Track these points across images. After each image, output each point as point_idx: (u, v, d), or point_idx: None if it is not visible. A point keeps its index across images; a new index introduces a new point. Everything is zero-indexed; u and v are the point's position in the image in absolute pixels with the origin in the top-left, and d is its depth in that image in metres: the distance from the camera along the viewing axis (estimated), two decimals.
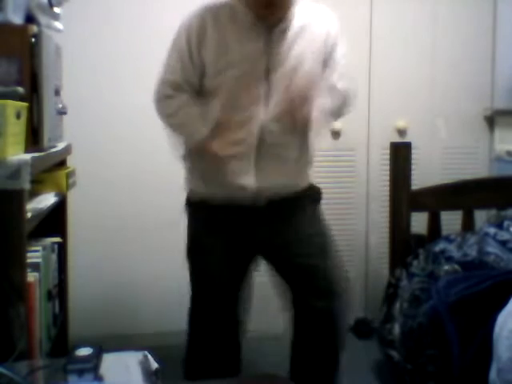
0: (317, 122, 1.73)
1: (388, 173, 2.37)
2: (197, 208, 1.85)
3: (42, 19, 1.62)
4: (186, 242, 1.88)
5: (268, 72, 1.70)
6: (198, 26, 1.71)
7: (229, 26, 1.70)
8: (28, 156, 1.30)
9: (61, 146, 1.79)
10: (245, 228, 1.78)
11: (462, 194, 2.35)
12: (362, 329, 2.81)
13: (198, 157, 1.78)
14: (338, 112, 1.84)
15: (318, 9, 1.80)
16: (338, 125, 2.82)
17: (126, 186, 2.63)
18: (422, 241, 2.27)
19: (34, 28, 1.45)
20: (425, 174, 2.74)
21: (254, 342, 2.16)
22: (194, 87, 1.75)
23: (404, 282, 2.14)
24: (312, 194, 1.91)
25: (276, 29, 1.70)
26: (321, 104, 1.70)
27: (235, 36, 1.70)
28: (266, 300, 2.18)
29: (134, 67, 2.55)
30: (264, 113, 1.70)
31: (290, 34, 1.72)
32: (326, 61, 1.77)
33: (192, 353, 1.90)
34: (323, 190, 2.90)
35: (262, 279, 2.03)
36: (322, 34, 1.76)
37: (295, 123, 1.71)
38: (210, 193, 1.78)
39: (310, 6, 1.80)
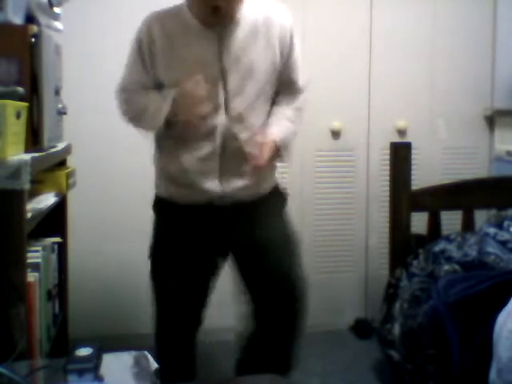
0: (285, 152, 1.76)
1: (388, 173, 2.37)
2: (163, 207, 1.84)
3: (42, 19, 1.63)
4: (151, 241, 1.86)
5: (223, 76, 1.68)
6: (147, 36, 1.72)
7: (177, 32, 1.70)
8: (28, 156, 1.30)
9: (61, 146, 1.79)
10: (210, 228, 1.78)
11: (462, 194, 2.35)
12: (362, 329, 2.81)
13: (167, 156, 1.78)
14: (296, 119, 1.82)
15: (269, 5, 1.76)
16: (337, 125, 2.82)
17: (126, 186, 2.63)
18: (422, 241, 2.27)
19: (34, 28, 1.46)
20: (425, 174, 2.74)
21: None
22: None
23: (404, 282, 2.14)
24: (277, 195, 1.89)
25: (226, 31, 1.68)
26: (278, 130, 1.73)
27: (185, 42, 1.69)
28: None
29: None
30: (225, 117, 1.69)
31: (242, 34, 1.70)
32: (284, 57, 1.74)
33: (160, 355, 1.87)
34: (323, 190, 2.92)
35: None
36: (275, 31, 1.72)
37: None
38: (177, 193, 1.77)
39: (261, 3, 1.76)
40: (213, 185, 1.72)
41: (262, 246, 1.80)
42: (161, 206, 1.85)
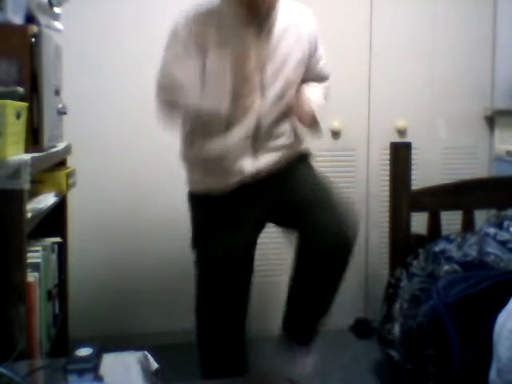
0: (318, 115, 1.88)
1: (388, 173, 2.37)
2: (199, 199, 1.92)
3: (42, 19, 1.63)
4: (192, 232, 1.93)
5: (260, 68, 1.81)
6: (187, 34, 1.78)
7: (217, 28, 1.78)
8: (28, 156, 1.30)
9: (61, 146, 1.79)
10: (247, 204, 1.87)
11: (462, 194, 2.34)
12: (362, 329, 2.81)
13: (199, 149, 1.87)
14: (326, 96, 2.01)
15: (298, 8, 1.94)
16: (337, 125, 2.82)
17: (126, 186, 2.63)
18: (422, 241, 2.27)
19: (34, 28, 1.46)
20: (425, 174, 2.74)
21: (255, 342, 2.17)
22: None
23: (404, 282, 2.14)
24: (304, 154, 2.02)
25: (262, 27, 1.81)
26: (317, 100, 1.90)
27: (224, 37, 1.78)
28: (267, 300, 2.17)
29: (134, 67, 2.54)
30: (260, 104, 1.82)
31: (276, 33, 1.84)
32: (311, 55, 1.95)
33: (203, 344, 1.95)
34: None
35: (263, 279, 2.03)
36: (304, 29, 1.90)
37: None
38: (210, 186, 1.87)
39: (291, 5, 1.92)
40: (245, 166, 1.84)
41: (300, 187, 1.91)
42: (196, 198, 1.94)
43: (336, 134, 2.85)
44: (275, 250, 2.63)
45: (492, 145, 2.98)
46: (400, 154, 2.33)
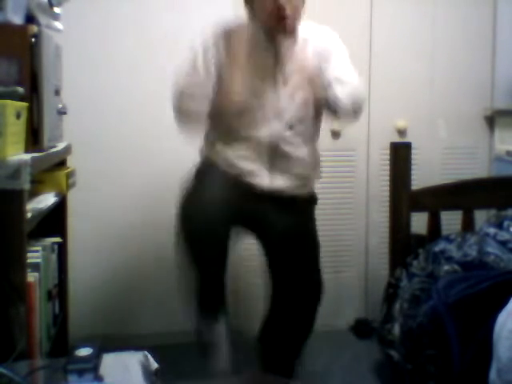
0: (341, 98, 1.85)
1: (388, 173, 2.37)
2: (211, 168, 1.93)
3: (42, 19, 1.63)
4: (184, 192, 1.90)
5: (275, 84, 1.87)
6: (214, 48, 1.84)
7: (241, 45, 1.87)
8: (28, 156, 1.30)
9: (61, 146, 1.79)
10: (252, 198, 1.89)
11: (462, 194, 2.34)
12: (362, 329, 2.81)
13: (217, 153, 1.92)
14: (356, 94, 1.92)
15: (318, 28, 1.97)
16: (338, 125, 2.82)
17: (126, 186, 2.63)
18: (422, 241, 2.27)
19: (34, 28, 1.46)
20: (425, 174, 2.74)
21: (252, 342, 2.17)
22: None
23: (404, 282, 2.14)
24: (314, 200, 2.10)
25: (283, 46, 1.87)
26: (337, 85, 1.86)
27: (247, 54, 1.86)
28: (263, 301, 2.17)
29: (134, 67, 2.55)
30: (278, 122, 1.87)
31: (296, 49, 1.89)
32: (322, 69, 1.90)
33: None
34: (323, 190, 2.91)
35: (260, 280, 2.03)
36: (321, 47, 1.93)
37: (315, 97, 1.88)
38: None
39: (311, 25, 1.95)
40: (262, 182, 1.89)
41: (297, 241, 1.98)
42: (208, 167, 1.94)
43: (336, 134, 2.85)
44: None
45: (492, 145, 2.98)
46: (400, 154, 2.33)
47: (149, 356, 1.16)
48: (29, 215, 1.32)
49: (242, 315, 2.50)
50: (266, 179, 1.90)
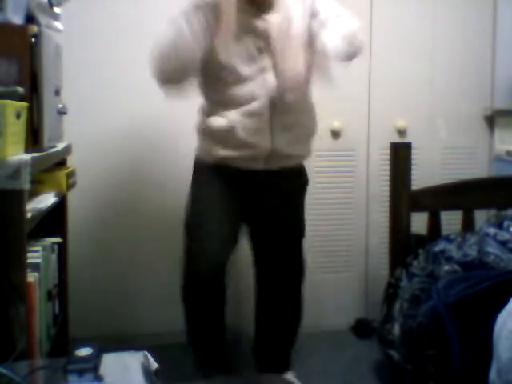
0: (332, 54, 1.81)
1: (388, 173, 2.37)
2: (208, 169, 1.99)
3: (42, 19, 1.63)
4: (190, 196, 2.02)
5: (269, 46, 1.89)
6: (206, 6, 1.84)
7: (229, 10, 1.86)
8: (28, 156, 1.30)
9: (61, 146, 1.79)
10: (252, 191, 1.97)
11: (462, 194, 2.34)
12: (362, 329, 2.81)
13: (216, 116, 1.93)
14: (351, 38, 1.89)
15: None
16: (337, 125, 2.82)
17: (126, 186, 2.63)
18: (422, 241, 2.27)
19: (34, 28, 1.45)
20: (425, 174, 2.74)
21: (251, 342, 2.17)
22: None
23: (404, 282, 2.14)
24: (304, 177, 2.14)
25: (267, 10, 1.90)
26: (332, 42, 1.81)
27: (234, 16, 1.87)
28: None
29: (134, 67, 2.54)
30: (273, 77, 1.89)
31: (282, 14, 1.92)
32: (314, 19, 1.94)
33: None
34: (323, 190, 2.92)
35: None
36: (305, 8, 1.95)
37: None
38: (224, 155, 1.93)
39: None
40: (264, 141, 1.91)
41: (283, 223, 2.05)
42: (204, 168, 2.00)
43: (336, 134, 2.85)
44: None
45: (492, 145, 2.98)
46: (400, 154, 2.33)
47: (149, 356, 1.16)
48: (29, 215, 1.32)
49: (241, 316, 2.50)
50: (267, 141, 1.91)
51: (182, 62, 1.82)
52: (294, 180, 2.08)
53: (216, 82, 1.92)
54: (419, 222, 2.36)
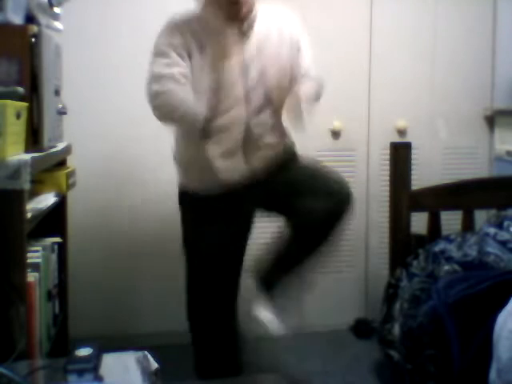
0: (306, 104, 1.84)
1: (388, 173, 2.37)
2: (192, 199, 1.93)
3: (42, 19, 1.63)
4: (183, 231, 1.96)
5: (243, 73, 1.82)
6: (179, 38, 1.80)
7: (203, 33, 1.81)
8: (28, 156, 1.30)
9: (61, 146, 1.79)
10: (240, 201, 1.90)
11: (462, 194, 2.34)
12: (362, 329, 2.81)
13: (191, 154, 1.90)
14: (318, 95, 1.93)
15: (281, 12, 1.94)
16: (337, 125, 2.82)
17: (126, 186, 2.63)
18: (422, 241, 2.27)
19: (34, 28, 1.46)
20: (425, 174, 2.74)
21: (253, 342, 2.17)
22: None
23: (404, 282, 2.14)
24: (292, 155, 2.02)
25: (244, 33, 1.83)
26: (305, 88, 1.85)
27: (211, 42, 1.80)
28: None
29: (134, 67, 2.54)
30: (247, 110, 1.83)
31: (258, 37, 1.85)
32: (294, 57, 1.90)
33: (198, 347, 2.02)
34: None
35: None
36: (286, 36, 1.90)
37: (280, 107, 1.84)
38: (204, 187, 1.88)
39: (274, 10, 1.94)
40: (240, 174, 1.86)
41: (292, 177, 1.94)
42: (189, 197, 1.95)
43: (336, 134, 2.85)
44: None
45: (492, 145, 2.98)
46: (400, 154, 2.33)
47: (149, 356, 1.16)
48: (29, 215, 1.32)
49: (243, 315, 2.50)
50: (241, 163, 1.86)
51: (186, 123, 1.85)
52: (283, 164, 1.98)
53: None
54: (419, 222, 2.36)
